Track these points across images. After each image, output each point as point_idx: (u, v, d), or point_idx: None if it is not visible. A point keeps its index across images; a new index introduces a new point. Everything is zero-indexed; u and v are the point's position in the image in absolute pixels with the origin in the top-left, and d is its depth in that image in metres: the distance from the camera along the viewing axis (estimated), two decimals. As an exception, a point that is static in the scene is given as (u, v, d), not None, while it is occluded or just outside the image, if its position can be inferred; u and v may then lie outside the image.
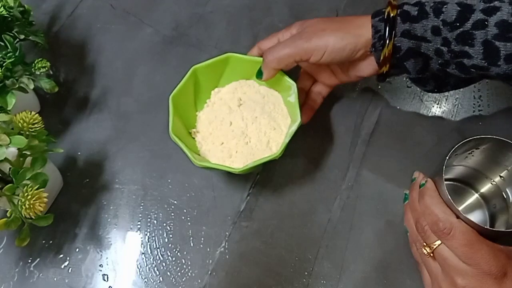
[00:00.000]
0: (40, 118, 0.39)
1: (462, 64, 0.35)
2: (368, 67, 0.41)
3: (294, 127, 0.41)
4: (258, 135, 0.44)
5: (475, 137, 0.36)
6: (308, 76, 0.47)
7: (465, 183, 0.44)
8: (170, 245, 0.45)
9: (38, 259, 0.44)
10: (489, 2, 0.34)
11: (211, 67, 0.45)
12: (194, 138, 0.46)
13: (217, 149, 0.44)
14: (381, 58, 0.38)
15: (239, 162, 0.43)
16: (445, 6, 0.35)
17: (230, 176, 0.47)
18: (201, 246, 0.44)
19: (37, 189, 0.36)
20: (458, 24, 0.34)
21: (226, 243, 0.44)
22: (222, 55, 0.45)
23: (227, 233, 0.45)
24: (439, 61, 0.37)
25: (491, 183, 0.41)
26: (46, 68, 0.44)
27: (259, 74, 0.43)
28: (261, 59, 0.43)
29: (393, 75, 0.42)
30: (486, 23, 0.33)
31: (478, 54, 0.34)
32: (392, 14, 0.37)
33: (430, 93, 0.50)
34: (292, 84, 0.43)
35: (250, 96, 0.46)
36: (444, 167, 0.35)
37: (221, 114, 0.46)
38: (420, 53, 0.37)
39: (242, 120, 0.45)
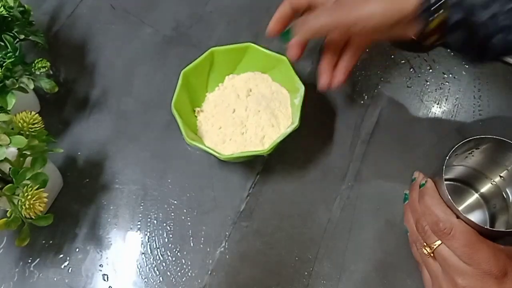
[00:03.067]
0: (40, 118, 0.39)
1: (506, 39, 0.33)
2: (409, 31, 0.37)
3: (289, 129, 0.42)
4: (255, 129, 0.44)
5: (475, 137, 0.36)
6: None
7: (465, 183, 0.44)
8: (170, 245, 0.45)
9: (38, 259, 0.44)
10: None
11: (230, 53, 0.46)
12: (196, 116, 0.47)
13: (214, 132, 0.45)
14: (427, 30, 0.35)
15: (229, 150, 0.44)
16: None
17: (230, 176, 0.47)
18: (201, 246, 0.44)
19: (37, 189, 0.36)
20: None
21: (226, 243, 0.44)
22: (242, 44, 0.46)
23: (227, 233, 0.45)
24: (485, 32, 0.34)
25: (491, 183, 0.41)
26: (46, 68, 0.44)
27: (285, 36, 0.40)
28: (278, 56, 0.44)
29: (435, 45, 0.39)
30: None
31: None
32: None
33: (430, 94, 0.50)
34: (301, 86, 0.44)
35: (260, 89, 0.47)
36: (444, 167, 0.35)
37: (228, 100, 0.47)
38: (467, 25, 0.35)
39: (245, 110, 0.45)
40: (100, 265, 0.44)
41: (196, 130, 0.46)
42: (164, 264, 0.44)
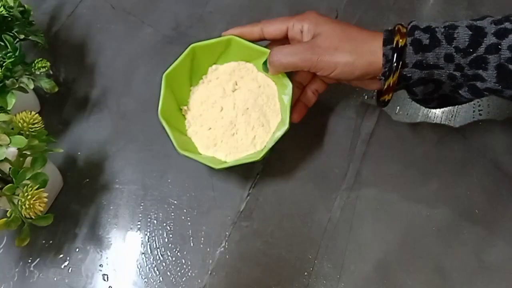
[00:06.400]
0: (40, 118, 0.39)
1: (475, 87, 0.35)
2: (372, 85, 0.41)
3: (279, 133, 0.41)
4: (246, 129, 0.44)
5: None
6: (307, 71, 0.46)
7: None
8: (170, 245, 0.45)
9: (38, 259, 0.44)
10: (499, 23, 0.34)
11: (211, 47, 0.45)
12: (184, 115, 0.46)
13: (204, 133, 0.44)
14: (385, 87, 0.38)
15: (222, 152, 0.43)
16: (456, 31, 0.35)
17: (230, 176, 0.47)
18: (201, 246, 0.44)
19: (37, 189, 0.36)
20: (471, 50, 0.34)
21: (226, 243, 0.44)
22: (224, 37, 0.44)
23: (227, 233, 0.45)
24: (452, 84, 0.37)
25: None
26: (46, 68, 0.44)
27: (265, 66, 0.43)
28: (262, 49, 0.43)
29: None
30: (499, 47, 0.33)
31: (492, 77, 0.34)
32: (401, 44, 0.36)
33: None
34: (288, 84, 0.42)
35: (247, 83, 0.46)
36: None
37: (214, 96, 0.45)
38: (432, 80, 0.37)
39: (233, 108, 0.44)
40: (100, 265, 0.44)
41: (185, 131, 0.45)
42: (164, 264, 0.44)
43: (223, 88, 0.45)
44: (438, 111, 0.49)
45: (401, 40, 0.36)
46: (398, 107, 0.49)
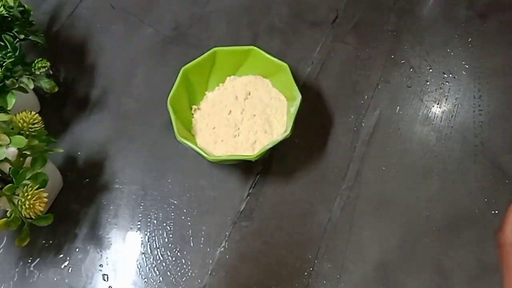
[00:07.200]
0: (40, 118, 0.40)
1: None
2: None
3: (280, 137, 0.42)
4: (248, 133, 0.45)
5: None
6: None
7: None
8: (170, 245, 0.45)
9: (38, 259, 0.44)
10: None
11: (232, 54, 0.47)
12: (193, 114, 0.47)
13: (207, 131, 0.45)
14: None
15: (220, 151, 0.44)
16: None
17: (230, 176, 0.47)
18: (201, 246, 0.44)
19: (37, 189, 0.36)
20: None
21: (226, 243, 0.44)
22: (246, 46, 0.46)
23: (227, 233, 0.45)
24: None
25: None
26: (46, 68, 0.44)
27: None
28: (279, 62, 0.44)
29: None
30: None
31: None
32: None
33: (430, 94, 0.50)
34: (298, 96, 0.43)
35: (259, 94, 0.47)
36: None
37: (226, 100, 0.47)
38: None
39: (241, 113, 0.46)
40: (100, 265, 0.44)
41: (191, 127, 0.46)
42: (164, 264, 0.44)
43: (236, 96, 0.47)
44: (438, 111, 0.49)
45: None
46: (398, 107, 0.50)
